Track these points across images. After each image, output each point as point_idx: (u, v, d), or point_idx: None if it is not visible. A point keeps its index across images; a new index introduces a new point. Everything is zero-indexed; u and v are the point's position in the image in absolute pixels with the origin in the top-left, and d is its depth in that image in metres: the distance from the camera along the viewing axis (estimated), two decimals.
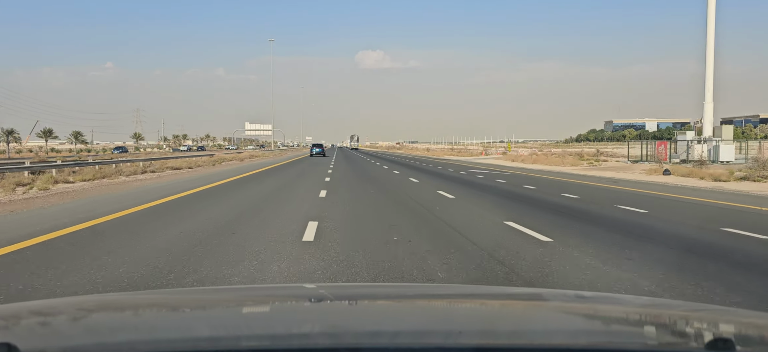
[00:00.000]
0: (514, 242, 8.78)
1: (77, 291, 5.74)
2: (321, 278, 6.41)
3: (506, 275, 6.59)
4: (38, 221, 11.14)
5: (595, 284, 6.22)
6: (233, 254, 7.67)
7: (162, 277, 6.39)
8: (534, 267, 6.97)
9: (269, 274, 6.61)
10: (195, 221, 11.12)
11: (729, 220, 11.83)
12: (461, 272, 6.71)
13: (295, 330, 1.80)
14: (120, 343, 1.65)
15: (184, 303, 2.30)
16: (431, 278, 6.44)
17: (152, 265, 6.95)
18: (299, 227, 10.04)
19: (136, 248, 8.12)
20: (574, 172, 34.82)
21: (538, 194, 18.55)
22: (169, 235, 9.33)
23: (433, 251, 7.94)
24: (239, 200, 15.73)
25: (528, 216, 12.02)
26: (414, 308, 2.25)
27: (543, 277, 6.49)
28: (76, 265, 6.95)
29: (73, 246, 8.27)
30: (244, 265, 7.03)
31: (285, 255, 7.64)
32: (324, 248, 8.16)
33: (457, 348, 1.56)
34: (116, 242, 8.54)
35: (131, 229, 10.10)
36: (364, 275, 6.53)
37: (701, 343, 1.56)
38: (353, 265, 7.02)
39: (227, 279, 6.34)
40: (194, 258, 7.39)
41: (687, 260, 7.55)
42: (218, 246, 8.25)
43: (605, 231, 10.11)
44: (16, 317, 1.95)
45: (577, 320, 2.07)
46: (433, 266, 7.03)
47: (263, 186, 21.26)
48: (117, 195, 17.21)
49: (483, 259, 7.43)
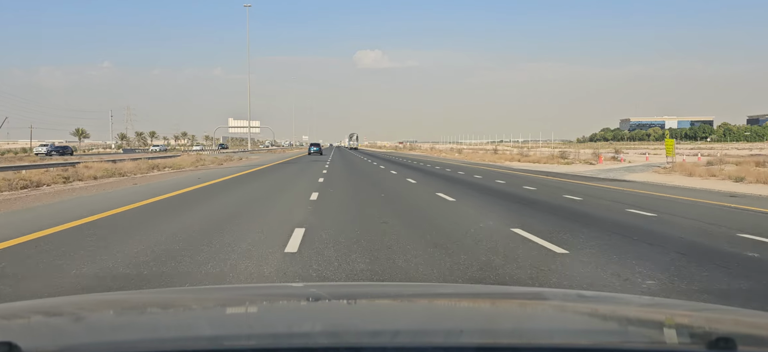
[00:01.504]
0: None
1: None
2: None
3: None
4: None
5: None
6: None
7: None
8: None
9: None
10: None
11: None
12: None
13: (295, 329, 1.79)
14: (121, 342, 1.65)
15: (185, 302, 2.30)
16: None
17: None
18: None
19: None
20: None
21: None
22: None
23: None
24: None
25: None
26: (414, 308, 2.25)
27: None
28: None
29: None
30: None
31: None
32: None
33: (458, 347, 1.55)
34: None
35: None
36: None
37: (703, 342, 1.56)
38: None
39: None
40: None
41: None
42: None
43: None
44: (18, 316, 1.95)
45: (579, 320, 2.07)
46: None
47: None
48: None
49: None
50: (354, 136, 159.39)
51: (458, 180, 24.18)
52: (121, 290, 5.81)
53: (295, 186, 20.16)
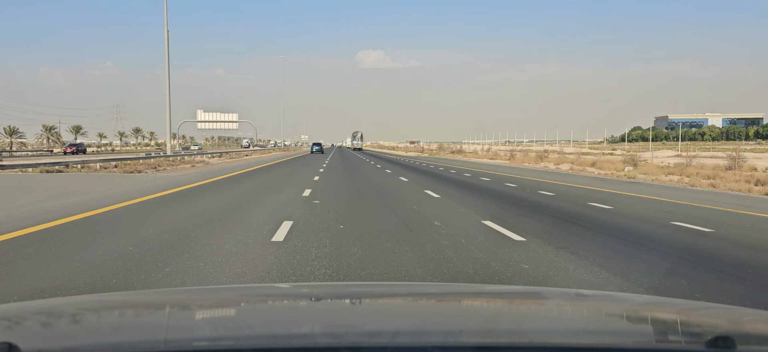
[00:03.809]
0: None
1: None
2: None
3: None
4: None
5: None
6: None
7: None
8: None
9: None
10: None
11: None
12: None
13: (295, 329, 1.79)
14: (121, 343, 1.65)
15: (185, 302, 2.30)
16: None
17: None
18: None
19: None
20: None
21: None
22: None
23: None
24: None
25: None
26: (414, 307, 2.25)
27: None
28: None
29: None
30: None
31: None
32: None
33: (457, 347, 1.55)
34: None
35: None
36: None
37: (702, 341, 1.56)
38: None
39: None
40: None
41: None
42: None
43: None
44: (17, 316, 1.95)
45: (578, 319, 2.07)
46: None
47: None
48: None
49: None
50: (358, 135, 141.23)
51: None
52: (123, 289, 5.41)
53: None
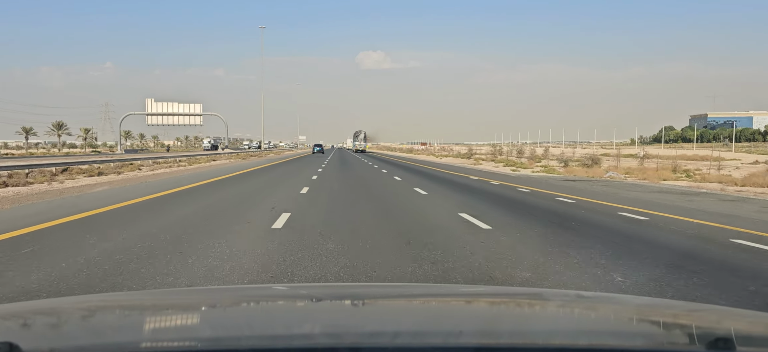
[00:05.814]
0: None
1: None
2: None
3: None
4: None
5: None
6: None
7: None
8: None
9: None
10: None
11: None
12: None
13: (295, 330, 1.79)
14: (121, 343, 1.65)
15: (185, 302, 2.30)
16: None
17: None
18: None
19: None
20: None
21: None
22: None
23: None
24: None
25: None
26: (414, 308, 2.25)
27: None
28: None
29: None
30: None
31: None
32: None
33: (457, 348, 1.55)
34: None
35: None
36: None
37: (701, 343, 1.56)
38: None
39: None
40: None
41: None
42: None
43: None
44: (18, 316, 1.95)
45: (577, 320, 2.07)
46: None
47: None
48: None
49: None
50: (360, 136, 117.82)
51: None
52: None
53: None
